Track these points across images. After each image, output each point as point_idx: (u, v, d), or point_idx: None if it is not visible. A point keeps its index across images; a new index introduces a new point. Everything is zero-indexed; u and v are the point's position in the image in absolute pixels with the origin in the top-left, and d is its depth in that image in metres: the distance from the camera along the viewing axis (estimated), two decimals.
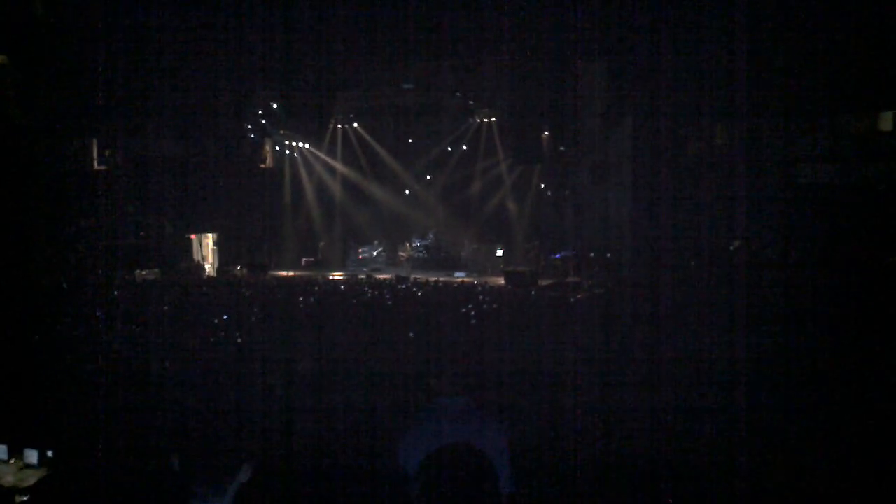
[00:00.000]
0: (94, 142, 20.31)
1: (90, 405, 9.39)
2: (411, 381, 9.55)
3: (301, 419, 8.99)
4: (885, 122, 17.58)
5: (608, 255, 20.20)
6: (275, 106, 23.73)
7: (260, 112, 23.87)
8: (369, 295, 16.48)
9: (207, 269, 22.58)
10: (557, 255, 22.27)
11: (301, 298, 15.68)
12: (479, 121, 24.42)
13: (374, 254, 24.95)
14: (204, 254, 23.23)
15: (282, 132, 24.84)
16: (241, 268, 22.46)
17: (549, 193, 24.37)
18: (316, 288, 17.76)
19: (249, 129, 24.01)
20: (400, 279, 19.84)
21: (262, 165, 24.88)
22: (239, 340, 12.63)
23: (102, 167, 20.34)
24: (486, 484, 3.16)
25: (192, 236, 22.91)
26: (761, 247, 17.40)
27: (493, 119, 24.17)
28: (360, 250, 24.99)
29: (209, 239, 23.42)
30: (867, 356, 9.67)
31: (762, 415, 8.12)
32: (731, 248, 17.79)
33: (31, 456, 8.16)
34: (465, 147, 24.78)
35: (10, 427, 8.51)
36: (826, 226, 16.71)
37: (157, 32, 18.91)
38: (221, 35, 19.59)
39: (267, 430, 8.87)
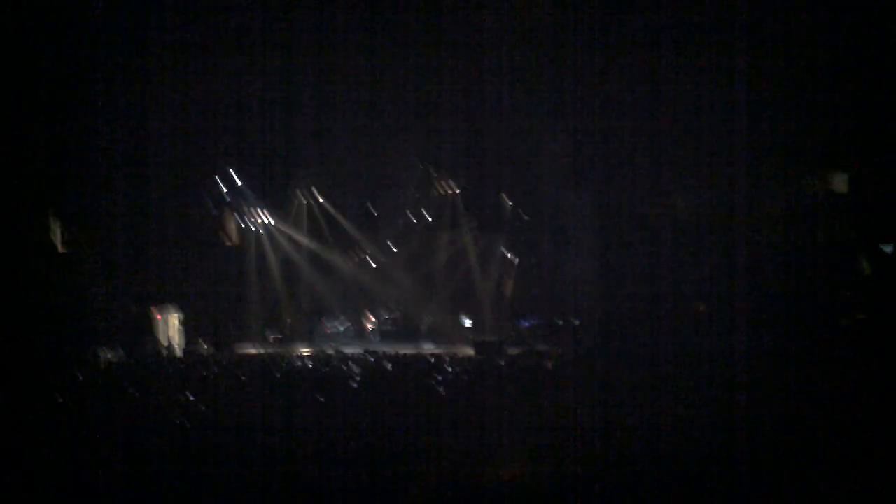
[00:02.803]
0: (58, 223, 20.14)
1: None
2: None
3: None
4: (840, 182, 17.94)
5: (576, 321, 20.24)
6: (239, 182, 23.72)
7: (224, 189, 23.84)
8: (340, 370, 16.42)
9: (173, 349, 22.22)
10: (526, 324, 22.24)
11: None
12: (442, 191, 24.53)
13: (342, 329, 24.75)
14: (170, 333, 22.89)
15: (246, 207, 24.75)
16: (207, 347, 22.15)
17: (514, 262, 24.42)
18: (284, 364, 17.62)
19: (213, 206, 23.93)
20: (369, 352, 19.74)
21: (227, 242, 24.73)
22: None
23: (65, 250, 20.16)
24: None
25: (158, 316, 22.59)
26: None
27: (458, 189, 24.31)
28: (327, 325, 24.79)
29: (175, 318, 23.09)
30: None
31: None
32: (698, 309, 17.92)
33: None
34: (429, 218, 24.84)
35: None
36: (787, 286, 16.96)
37: (116, 110, 18.93)
38: (182, 114, 19.66)
39: None
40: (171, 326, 22.94)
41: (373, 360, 17.95)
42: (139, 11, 18.84)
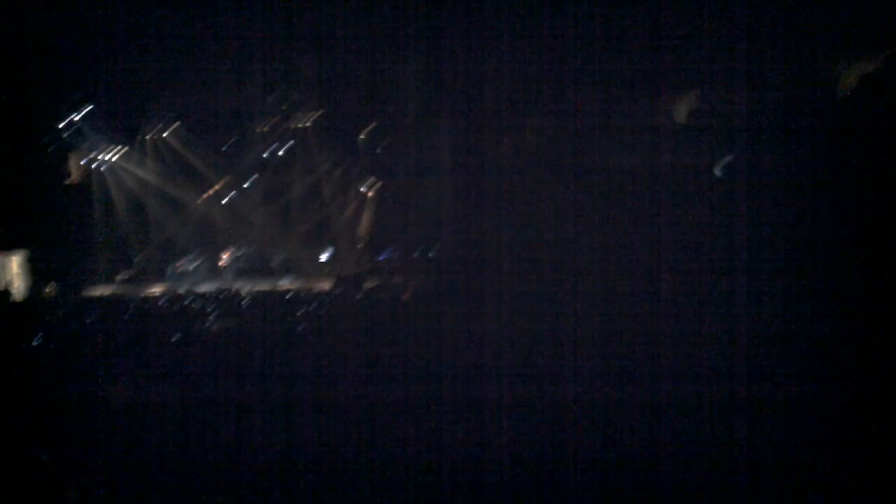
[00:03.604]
0: None
1: None
2: None
3: None
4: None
5: (431, 254, 20.37)
6: (78, 118, 22.58)
7: (62, 125, 22.64)
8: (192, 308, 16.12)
9: (10, 293, 21.11)
10: (381, 257, 22.30)
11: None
12: (295, 124, 24.09)
13: (194, 266, 24.15)
14: (8, 277, 21.74)
15: (87, 144, 23.63)
16: (50, 289, 21.24)
17: (370, 195, 24.33)
18: (132, 306, 17.13)
19: (51, 143, 22.75)
20: (222, 290, 19.38)
21: (68, 181, 23.62)
22: None
23: None
24: None
25: None
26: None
27: (309, 123, 23.91)
28: (178, 263, 24.14)
29: (13, 261, 21.94)
30: None
31: None
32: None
33: None
34: (281, 152, 24.39)
35: None
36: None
37: None
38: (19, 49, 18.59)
39: None
40: (7, 270, 21.81)
41: (225, 297, 17.68)
42: None
